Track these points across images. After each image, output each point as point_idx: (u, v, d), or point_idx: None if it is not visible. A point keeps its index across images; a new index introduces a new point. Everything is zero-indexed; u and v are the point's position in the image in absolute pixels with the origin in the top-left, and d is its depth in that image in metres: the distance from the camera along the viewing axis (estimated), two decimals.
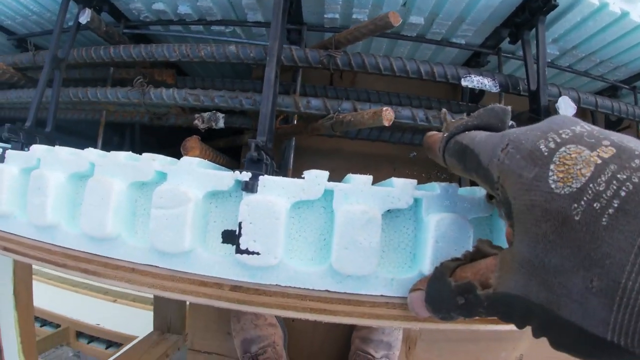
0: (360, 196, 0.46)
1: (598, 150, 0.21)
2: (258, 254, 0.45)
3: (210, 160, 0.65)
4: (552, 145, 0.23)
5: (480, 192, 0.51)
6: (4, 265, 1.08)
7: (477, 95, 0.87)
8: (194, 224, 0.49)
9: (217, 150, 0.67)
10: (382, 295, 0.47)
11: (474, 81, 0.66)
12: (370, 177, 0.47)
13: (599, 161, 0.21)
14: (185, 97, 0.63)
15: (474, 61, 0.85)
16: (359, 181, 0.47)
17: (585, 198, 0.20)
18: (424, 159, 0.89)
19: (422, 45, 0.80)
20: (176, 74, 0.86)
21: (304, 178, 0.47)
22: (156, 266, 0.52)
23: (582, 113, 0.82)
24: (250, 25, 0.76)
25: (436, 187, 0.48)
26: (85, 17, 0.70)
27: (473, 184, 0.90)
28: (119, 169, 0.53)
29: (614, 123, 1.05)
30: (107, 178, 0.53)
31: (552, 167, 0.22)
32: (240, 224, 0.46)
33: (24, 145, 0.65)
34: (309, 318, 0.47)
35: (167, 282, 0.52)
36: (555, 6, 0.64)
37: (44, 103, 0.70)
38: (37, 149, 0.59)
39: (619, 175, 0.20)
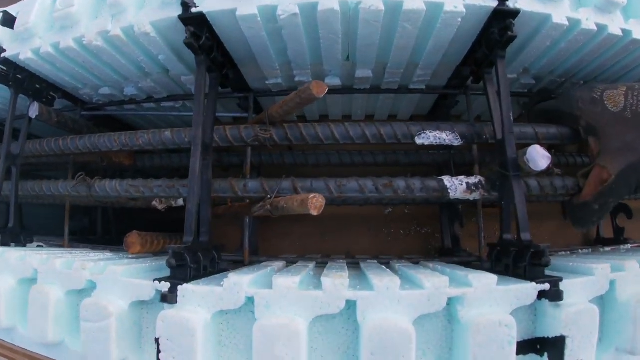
0: (284, 303, 0.45)
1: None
2: None
3: (152, 248, 0.67)
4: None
5: (427, 281, 0.49)
6: None
7: None
8: (121, 335, 0.50)
9: (160, 234, 0.69)
10: None
11: (430, 137, 0.63)
12: (296, 280, 0.46)
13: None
14: (127, 189, 0.66)
15: (443, 103, 0.82)
16: (282, 286, 0.45)
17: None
18: (400, 214, 0.86)
19: (382, 95, 0.79)
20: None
21: (222, 286, 0.47)
22: None
23: None
24: None
25: (373, 286, 0.46)
26: (33, 111, 0.74)
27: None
28: (56, 277, 0.55)
29: None
30: (46, 287, 0.55)
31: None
32: (157, 340, 0.46)
33: None
34: None
35: None
36: (514, 37, 0.60)
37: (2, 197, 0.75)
38: None
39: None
